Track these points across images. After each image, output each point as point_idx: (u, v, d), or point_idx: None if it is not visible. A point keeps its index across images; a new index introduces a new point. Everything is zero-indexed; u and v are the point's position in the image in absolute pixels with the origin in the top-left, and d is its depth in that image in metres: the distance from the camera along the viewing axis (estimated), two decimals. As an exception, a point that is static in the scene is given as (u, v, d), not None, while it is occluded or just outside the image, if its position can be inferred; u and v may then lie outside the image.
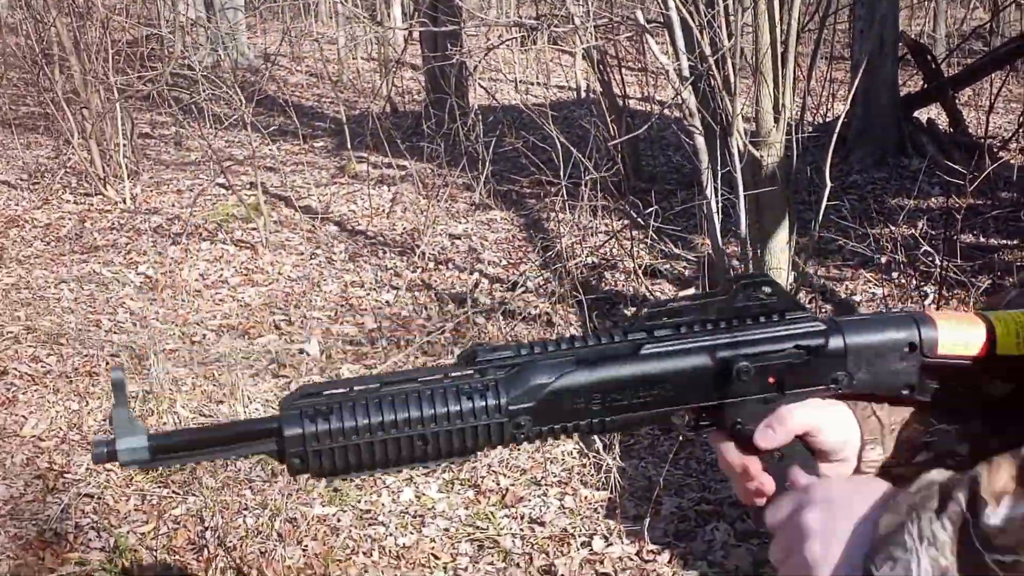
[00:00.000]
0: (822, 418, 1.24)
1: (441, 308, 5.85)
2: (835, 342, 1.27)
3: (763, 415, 1.26)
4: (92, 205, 7.67)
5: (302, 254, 6.72)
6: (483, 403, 1.32)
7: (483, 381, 1.33)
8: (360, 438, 1.30)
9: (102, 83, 8.00)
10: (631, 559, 3.63)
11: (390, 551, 3.73)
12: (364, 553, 3.72)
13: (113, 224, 7.27)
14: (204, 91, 8.21)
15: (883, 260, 5.99)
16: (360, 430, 1.29)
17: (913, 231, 6.18)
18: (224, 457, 1.40)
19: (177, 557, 3.71)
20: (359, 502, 4.01)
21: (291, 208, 7.52)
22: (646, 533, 3.69)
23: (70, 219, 7.40)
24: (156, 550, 3.74)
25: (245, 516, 3.91)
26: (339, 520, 3.90)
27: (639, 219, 6.14)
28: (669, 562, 3.59)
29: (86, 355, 5.24)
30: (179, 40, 10.45)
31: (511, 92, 10.48)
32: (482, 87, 9.52)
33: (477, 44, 10.17)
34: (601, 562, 3.62)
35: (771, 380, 1.28)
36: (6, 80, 11.18)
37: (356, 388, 1.31)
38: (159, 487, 4.12)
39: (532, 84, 11.16)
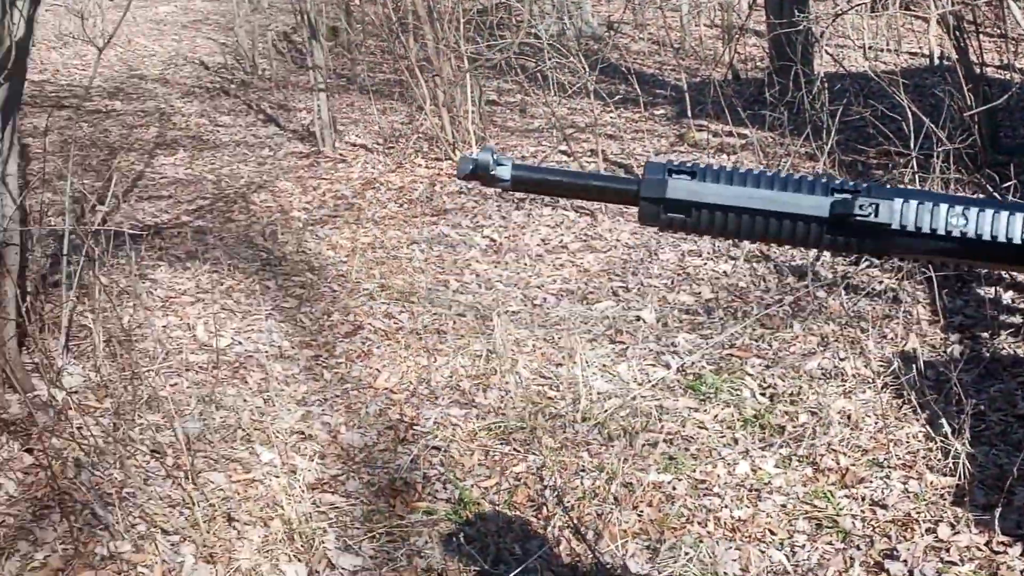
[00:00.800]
0: None
1: (780, 280, 5.76)
2: None
3: None
4: (442, 170, 7.98)
5: (641, 222, 6.76)
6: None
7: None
8: (713, 221, 1.31)
9: (453, 51, 8.30)
10: (979, 549, 3.47)
11: (725, 523, 3.72)
12: (699, 523, 3.73)
13: (461, 188, 7.55)
14: (549, 59, 8.37)
15: None
16: (715, 217, 1.30)
17: None
18: (579, 198, 1.45)
19: (517, 513, 3.83)
20: (694, 472, 4.02)
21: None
22: (996, 524, 3.52)
23: (421, 183, 7.73)
24: (498, 504, 3.88)
25: (583, 477, 4.00)
26: (674, 488, 3.92)
27: (996, 193, 5.83)
28: (1022, 555, 3.41)
29: (435, 313, 5.48)
30: (527, 9, 10.68)
31: (859, 59, 10.13)
32: (829, 54, 9.26)
33: (825, 10, 9.88)
34: (946, 550, 3.48)
35: None
36: (365, 48, 11.79)
37: (725, 203, 1.31)
38: (502, 444, 4.27)
39: (882, 51, 10.75)
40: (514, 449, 4.25)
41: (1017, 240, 1.20)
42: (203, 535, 3.63)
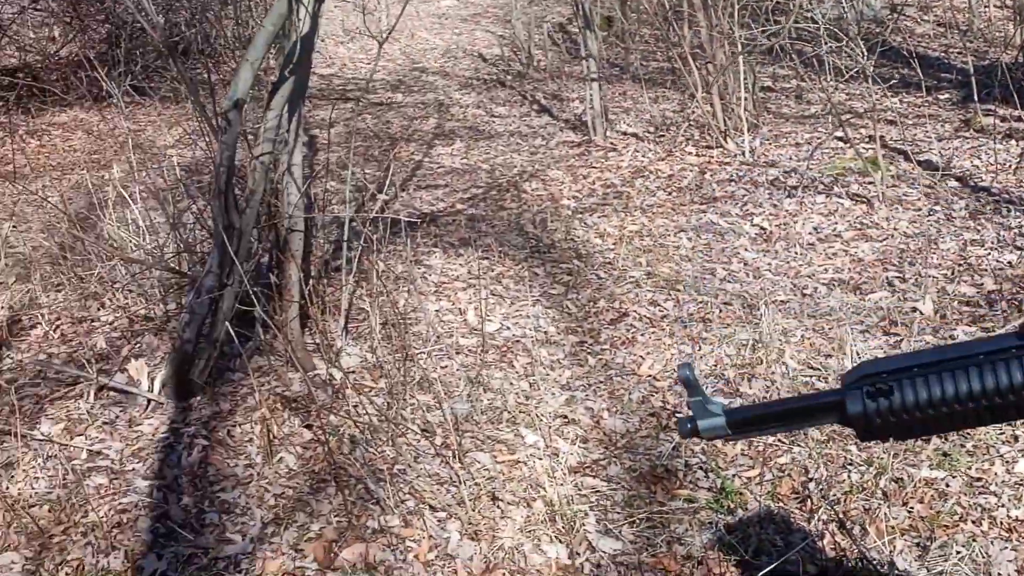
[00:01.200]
0: None
1: (1071, 272, 5.44)
2: None
3: None
4: (712, 157, 7.91)
5: (919, 210, 6.51)
6: None
7: None
8: (920, 413, 1.30)
9: (727, 38, 8.20)
10: None
11: (1001, 522, 3.55)
12: (973, 522, 3.57)
13: (731, 176, 7.46)
14: (826, 44, 8.15)
15: None
16: (920, 406, 1.29)
17: None
18: (794, 427, 1.47)
19: (780, 505, 3.77)
20: (970, 469, 3.85)
21: (910, 162, 7.30)
22: None
23: (691, 171, 7.68)
24: (760, 496, 3.83)
25: (849, 471, 3.89)
26: (947, 485, 3.77)
27: None
28: None
29: (701, 302, 5.45)
30: (803, -7, 10.44)
31: None
32: None
33: None
34: None
35: None
36: (638, 37, 11.80)
37: (914, 364, 1.31)
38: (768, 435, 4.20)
39: None
40: (779, 440, 4.17)
41: None
42: (468, 513, 3.74)
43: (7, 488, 3.92)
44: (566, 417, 4.43)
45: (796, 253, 6.04)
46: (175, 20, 10.84)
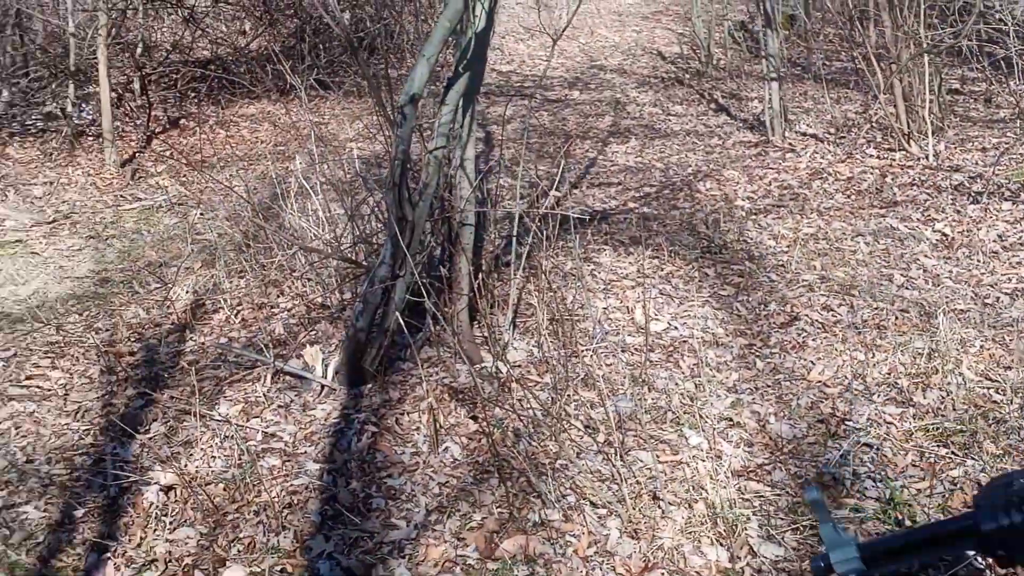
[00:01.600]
0: None
1: None
2: None
3: None
4: (894, 161, 7.72)
5: (1113, 219, 6.24)
6: None
7: None
8: None
9: (912, 38, 7.99)
10: None
11: None
12: None
13: (913, 180, 7.26)
14: (1015, 46, 7.87)
15: None
16: None
17: None
18: (930, 557, 1.38)
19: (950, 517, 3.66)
20: None
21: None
22: None
23: (871, 173, 7.51)
24: (929, 509, 3.72)
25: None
26: None
27: None
28: None
29: (876, 308, 5.32)
30: (996, -8, 10.07)
31: None
32: None
33: None
34: None
35: None
36: (822, 36, 11.58)
37: None
38: (938, 446, 4.09)
39: None
40: (952, 452, 4.05)
41: None
42: (629, 511, 3.73)
43: (186, 466, 4.08)
44: (731, 420, 4.39)
45: (978, 261, 5.85)
46: (360, 16, 11.10)
